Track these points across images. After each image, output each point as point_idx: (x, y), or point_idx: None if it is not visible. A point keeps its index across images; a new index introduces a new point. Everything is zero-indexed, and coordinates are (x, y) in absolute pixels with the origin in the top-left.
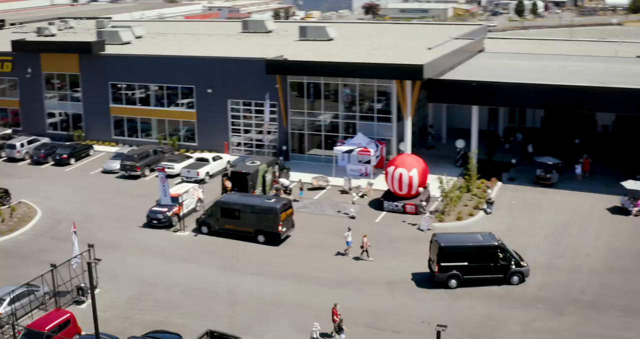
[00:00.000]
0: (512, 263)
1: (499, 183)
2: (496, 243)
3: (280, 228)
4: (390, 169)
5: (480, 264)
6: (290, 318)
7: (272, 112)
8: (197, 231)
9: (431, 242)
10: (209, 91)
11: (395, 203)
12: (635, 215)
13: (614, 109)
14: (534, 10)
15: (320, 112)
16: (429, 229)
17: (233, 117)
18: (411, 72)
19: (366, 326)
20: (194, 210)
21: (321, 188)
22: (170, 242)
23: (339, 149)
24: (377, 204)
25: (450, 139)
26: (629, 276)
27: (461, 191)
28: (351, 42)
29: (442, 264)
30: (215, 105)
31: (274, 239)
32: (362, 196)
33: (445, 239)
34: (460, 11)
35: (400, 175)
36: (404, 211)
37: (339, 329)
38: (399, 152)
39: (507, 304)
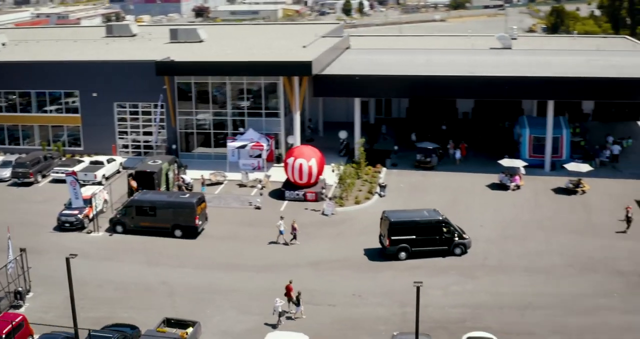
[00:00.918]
0: (455, 235)
1: (384, 169)
2: (441, 218)
3: (197, 222)
4: (290, 160)
5: (427, 238)
6: (230, 303)
7: (161, 113)
8: (112, 230)
9: (381, 219)
10: (94, 94)
11: (297, 192)
12: (513, 189)
13: (483, 96)
14: (360, 9)
15: (208, 111)
16: (333, 214)
17: (119, 120)
18: (300, 68)
19: (304, 303)
20: (101, 211)
21: (219, 183)
22: (87, 244)
23: (233, 145)
24: (278, 194)
25: (327, 132)
26: (521, 242)
27: (353, 178)
28: (224, 42)
29: (393, 238)
30: (101, 108)
31: (191, 233)
32: (260, 188)
33: (394, 215)
34: (290, 12)
35: (301, 165)
36: (305, 199)
37: (297, 302)
38: (288, 145)
39: (424, 273)
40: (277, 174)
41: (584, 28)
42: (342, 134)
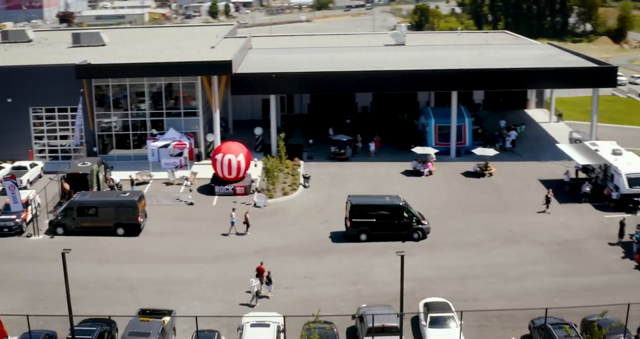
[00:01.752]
0: (414, 221)
1: (302, 162)
2: (401, 204)
3: (139, 219)
4: (219, 156)
5: (387, 221)
6: (190, 293)
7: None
8: (52, 233)
9: (346, 202)
10: (9, 100)
11: (226, 187)
12: (427, 175)
13: (391, 89)
14: (226, 11)
15: (127, 112)
16: (265, 205)
17: (35, 124)
18: (221, 67)
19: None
20: (35, 215)
21: (146, 183)
22: (31, 247)
23: (155, 144)
24: (207, 190)
25: (236, 130)
26: (444, 221)
27: (279, 171)
28: (128, 45)
29: (354, 220)
30: (15, 114)
31: (134, 231)
32: (190, 185)
33: (356, 199)
34: (156, 15)
35: (229, 160)
36: (234, 193)
37: (269, 281)
38: (207, 143)
39: (364, 254)
40: (201, 171)
41: (447, 25)
42: (258, 131)
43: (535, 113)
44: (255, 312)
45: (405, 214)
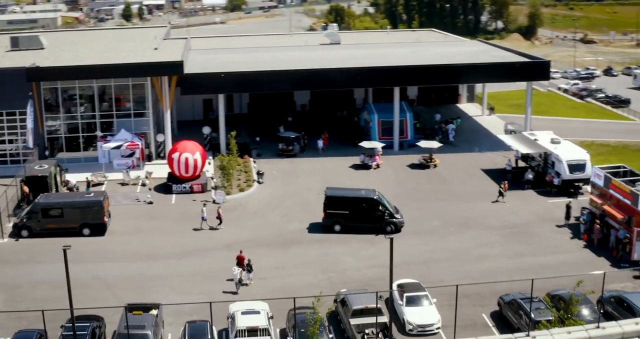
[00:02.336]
0: (387, 214)
1: (252, 159)
2: (375, 197)
3: (105, 219)
4: (175, 155)
5: (360, 214)
6: (167, 288)
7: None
8: (16, 236)
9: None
10: None
11: (183, 185)
12: (375, 168)
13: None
14: (140, 14)
15: (76, 114)
16: (224, 202)
17: None
18: (172, 67)
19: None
20: None
21: (100, 184)
22: None
23: (107, 146)
24: (164, 189)
25: (180, 130)
26: (400, 210)
27: (234, 168)
28: (67, 48)
29: (328, 211)
30: None
31: (100, 230)
32: (143, 185)
33: (332, 191)
34: (69, 19)
35: (187, 159)
36: (192, 191)
37: (249, 269)
38: (158, 143)
39: (328, 245)
40: (155, 171)
41: (362, 25)
42: (206, 130)
43: (467, 107)
44: (241, 301)
45: (379, 208)
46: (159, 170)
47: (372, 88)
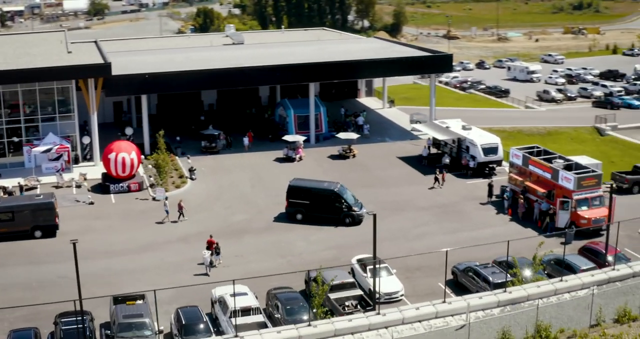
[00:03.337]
0: (345, 207)
1: (187, 156)
2: (334, 189)
3: (57, 220)
4: (112, 155)
5: (320, 205)
6: (139, 281)
7: None
8: None
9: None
10: None
11: (121, 184)
12: (298, 160)
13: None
14: (2, 20)
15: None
16: (166, 198)
17: None
18: (100, 69)
19: (203, 269)
20: None
21: (34, 187)
22: None
23: (37, 150)
24: (100, 189)
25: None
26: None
27: (167, 166)
28: None
29: (290, 200)
30: None
31: (51, 232)
32: (78, 187)
33: (295, 182)
34: None
35: (123, 159)
36: (129, 190)
37: (217, 252)
38: (84, 145)
39: (276, 233)
40: (87, 172)
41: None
42: (128, 131)
43: (366, 101)
44: (221, 286)
45: (338, 200)
46: (91, 171)
47: (281, 85)
